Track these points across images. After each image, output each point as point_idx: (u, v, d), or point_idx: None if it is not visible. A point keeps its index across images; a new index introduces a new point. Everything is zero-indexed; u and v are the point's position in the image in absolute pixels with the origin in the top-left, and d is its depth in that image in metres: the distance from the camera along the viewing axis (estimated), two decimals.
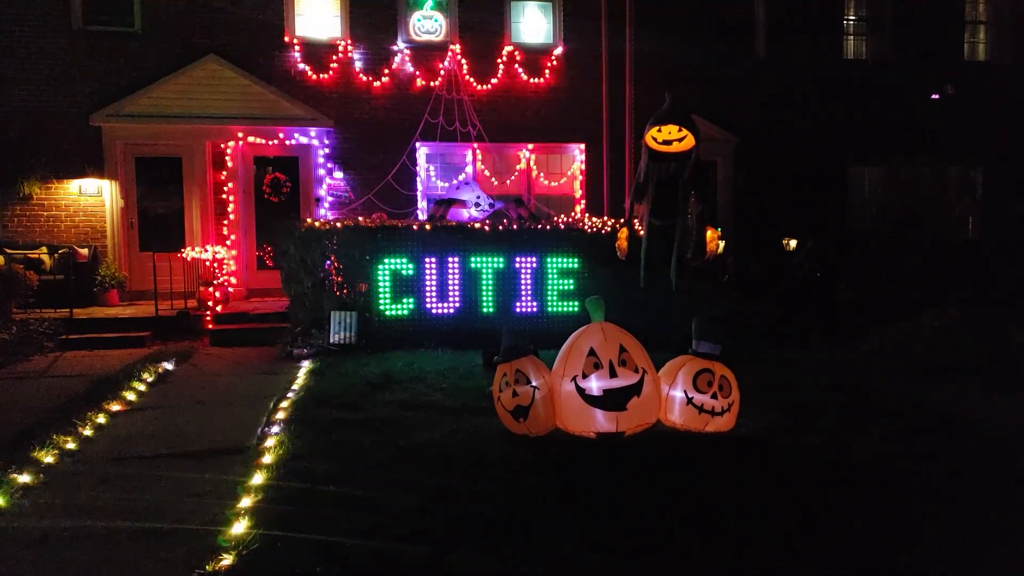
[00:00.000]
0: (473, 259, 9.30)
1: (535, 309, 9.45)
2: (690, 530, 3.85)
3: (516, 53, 13.15)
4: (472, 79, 12.98)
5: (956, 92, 14.19)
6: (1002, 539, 3.84)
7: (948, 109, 14.23)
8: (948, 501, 4.26)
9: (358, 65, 12.67)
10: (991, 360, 7.80)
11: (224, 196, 12.14)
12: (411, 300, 9.18)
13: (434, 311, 9.25)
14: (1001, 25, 14.83)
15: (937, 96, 14.31)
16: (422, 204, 12.77)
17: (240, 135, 12.02)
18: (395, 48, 12.77)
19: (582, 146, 13.44)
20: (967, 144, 14.29)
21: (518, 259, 9.39)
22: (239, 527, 3.83)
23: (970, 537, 3.82)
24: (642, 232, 8.86)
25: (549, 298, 9.47)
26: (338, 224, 9.24)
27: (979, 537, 3.83)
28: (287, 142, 12.25)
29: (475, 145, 12.92)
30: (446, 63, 12.87)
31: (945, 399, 6.60)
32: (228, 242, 12.00)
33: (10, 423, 5.89)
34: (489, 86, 13.05)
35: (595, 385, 5.04)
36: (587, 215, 10.06)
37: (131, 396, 6.79)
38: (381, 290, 9.11)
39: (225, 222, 12.13)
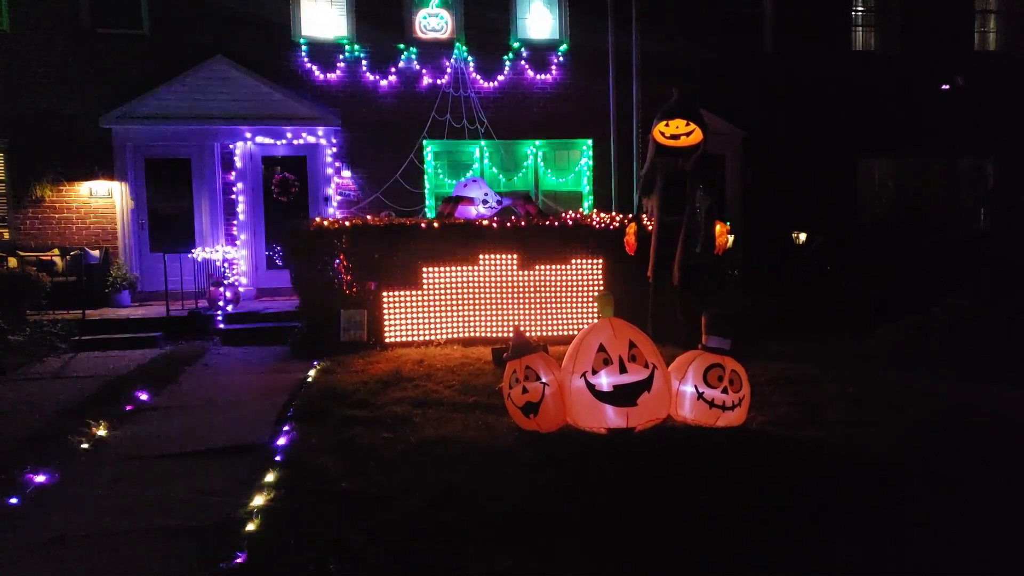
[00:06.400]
0: (482, 256, 9.30)
1: (544, 304, 9.44)
2: (703, 527, 3.84)
3: (523, 50, 13.14)
4: (479, 76, 12.97)
5: (966, 83, 14.07)
6: (1017, 533, 3.82)
7: (958, 100, 14.12)
8: (963, 496, 4.24)
9: (365, 64, 12.69)
10: (1002, 353, 7.74)
11: (233, 196, 12.20)
12: (420, 297, 9.20)
13: (443, 308, 9.26)
14: (1012, 14, 14.69)
15: (947, 87, 14.20)
16: (430, 202, 12.79)
17: (248, 135, 12.07)
18: (401, 46, 12.78)
19: (589, 142, 13.42)
20: (978, 135, 14.19)
21: (526, 255, 9.39)
22: (252, 525, 3.85)
23: (985, 531, 3.81)
24: (651, 227, 8.86)
25: (558, 294, 9.46)
26: (346, 223, 9.27)
27: (993, 531, 3.81)
28: (295, 142, 12.29)
29: (482, 142, 12.92)
30: (452, 60, 12.87)
31: (956, 392, 6.56)
32: (238, 242, 12.06)
33: (25, 424, 5.94)
34: (496, 83, 13.05)
35: (605, 381, 5.04)
36: (595, 211, 10.04)
37: (144, 396, 6.84)
38: (390, 288, 9.13)
39: (234, 222, 12.19)
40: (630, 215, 9.32)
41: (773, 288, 10.70)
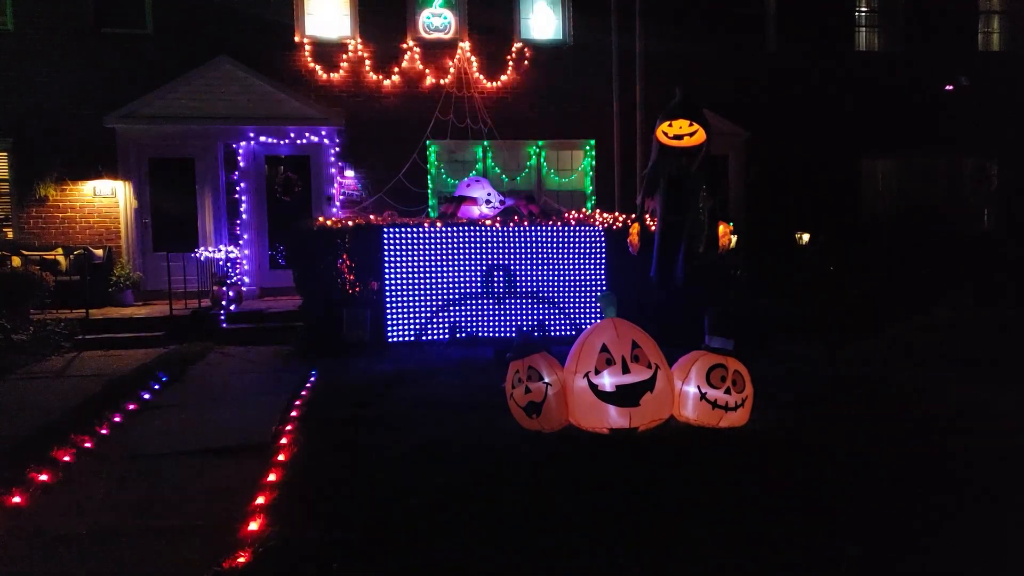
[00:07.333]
0: (484, 256, 9.31)
1: (546, 304, 9.44)
2: (705, 526, 3.84)
3: (526, 49, 13.13)
4: (482, 76, 12.97)
5: (971, 83, 14.04)
6: (1019, 533, 3.80)
7: (962, 100, 14.09)
8: (966, 495, 4.23)
9: (368, 64, 12.70)
10: (1007, 352, 7.73)
11: (236, 196, 12.21)
12: (423, 297, 9.21)
13: (446, 308, 9.27)
14: (1016, 15, 14.66)
15: (951, 87, 14.17)
16: (433, 202, 12.79)
17: (251, 135, 12.08)
18: (405, 46, 12.78)
19: (592, 142, 13.41)
20: (982, 136, 14.15)
21: (530, 255, 9.40)
22: (255, 524, 3.86)
23: (988, 532, 3.80)
24: (654, 227, 8.85)
25: (560, 293, 9.47)
26: (349, 223, 9.28)
27: (997, 531, 3.80)
28: (298, 141, 12.29)
29: (485, 142, 12.91)
30: (456, 61, 12.86)
31: (960, 392, 6.54)
32: (241, 242, 12.07)
33: (28, 422, 5.95)
34: (499, 83, 13.04)
35: (608, 381, 5.03)
36: (598, 211, 10.03)
37: (147, 395, 6.85)
38: (393, 288, 9.14)
39: (237, 222, 12.19)
40: (633, 215, 9.32)
41: (776, 288, 10.69)
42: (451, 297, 9.29)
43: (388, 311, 9.12)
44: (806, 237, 12.72)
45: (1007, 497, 4.22)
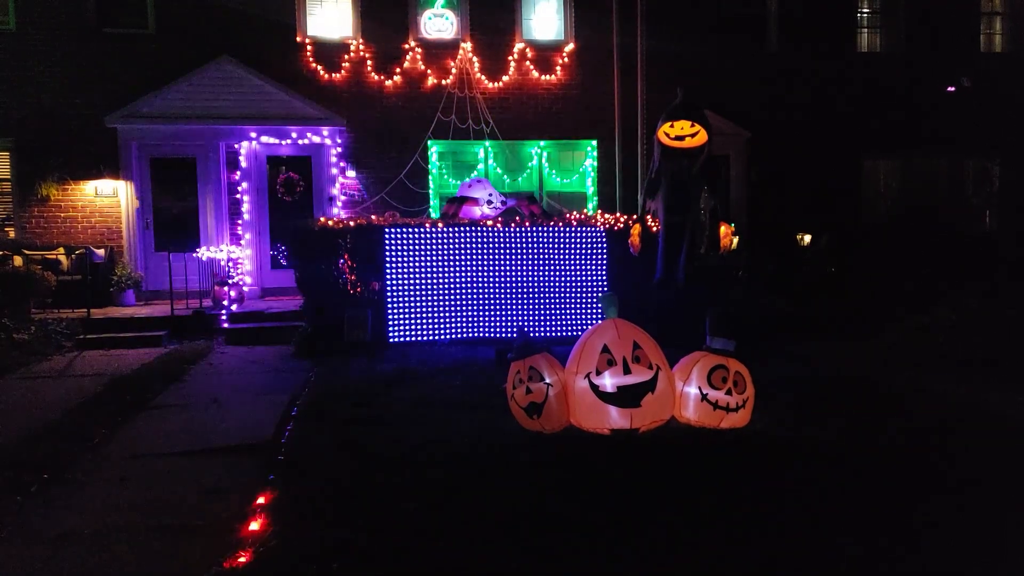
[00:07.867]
0: (486, 257, 9.31)
1: (547, 304, 9.45)
2: (706, 526, 3.84)
3: (527, 50, 13.14)
4: (484, 77, 12.97)
5: (972, 84, 14.04)
6: (1019, 533, 3.80)
7: (964, 101, 14.08)
8: (966, 495, 4.23)
9: (370, 64, 12.70)
10: (1008, 353, 7.73)
11: (238, 196, 12.22)
12: (424, 298, 9.21)
13: (447, 308, 9.28)
14: (1018, 16, 14.65)
15: (953, 88, 14.17)
16: (434, 202, 12.80)
17: (253, 135, 12.09)
18: (407, 47, 12.79)
19: (594, 142, 13.41)
20: (984, 136, 14.14)
21: (530, 256, 9.40)
22: (255, 524, 3.86)
23: (988, 532, 3.79)
24: (655, 228, 8.85)
25: (561, 293, 9.47)
26: (351, 223, 9.29)
27: (997, 531, 3.80)
28: (300, 142, 12.30)
29: (487, 142, 12.92)
30: (458, 61, 12.87)
31: (962, 392, 6.54)
32: (242, 242, 12.08)
33: (30, 422, 5.96)
34: (501, 83, 13.05)
35: (609, 382, 5.03)
36: (600, 212, 10.03)
37: (148, 395, 6.85)
38: (394, 288, 9.15)
39: (239, 222, 12.20)
40: (634, 216, 9.33)
41: (778, 289, 10.69)
42: (452, 297, 9.29)
43: (389, 311, 9.13)
44: (807, 238, 12.73)
45: (1007, 497, 4.22)
